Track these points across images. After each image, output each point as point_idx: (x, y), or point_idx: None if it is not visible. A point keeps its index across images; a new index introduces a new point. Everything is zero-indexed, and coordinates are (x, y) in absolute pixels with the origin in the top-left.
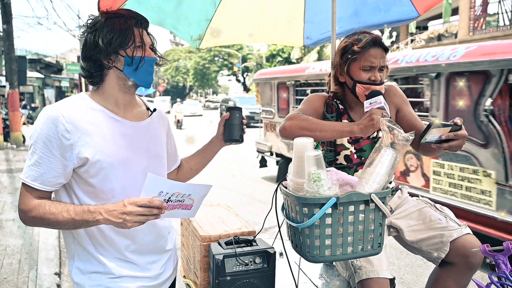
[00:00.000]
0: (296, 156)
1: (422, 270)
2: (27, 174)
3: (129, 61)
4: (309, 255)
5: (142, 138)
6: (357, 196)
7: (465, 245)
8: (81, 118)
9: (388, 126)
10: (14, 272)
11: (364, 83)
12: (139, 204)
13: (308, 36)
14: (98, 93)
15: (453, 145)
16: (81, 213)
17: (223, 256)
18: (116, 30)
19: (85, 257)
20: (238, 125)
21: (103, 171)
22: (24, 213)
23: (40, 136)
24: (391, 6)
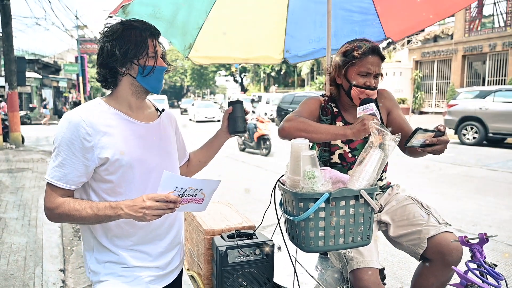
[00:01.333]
0: (293, 155)
1: (414, 266)
2: (52, 175)
3: (142, 70)
4: (305, 245)
5: (154, 137)
6: (348, 192)
7: (441, 243)
8: (99, 122)
9: (377, 129)
10: (20, 268)
11: (359, 87)
12: (157, 199)
13: (287, 49)
14: (112, 97)
15: (436, 149)
16: (103, 209)
17: (226, 247)
18: (132, 41)
19: (101, 248)
20: (241, 117)
21: (121, 169)
22: (50, 211)
23: (64, 140)
24: (364, 28)
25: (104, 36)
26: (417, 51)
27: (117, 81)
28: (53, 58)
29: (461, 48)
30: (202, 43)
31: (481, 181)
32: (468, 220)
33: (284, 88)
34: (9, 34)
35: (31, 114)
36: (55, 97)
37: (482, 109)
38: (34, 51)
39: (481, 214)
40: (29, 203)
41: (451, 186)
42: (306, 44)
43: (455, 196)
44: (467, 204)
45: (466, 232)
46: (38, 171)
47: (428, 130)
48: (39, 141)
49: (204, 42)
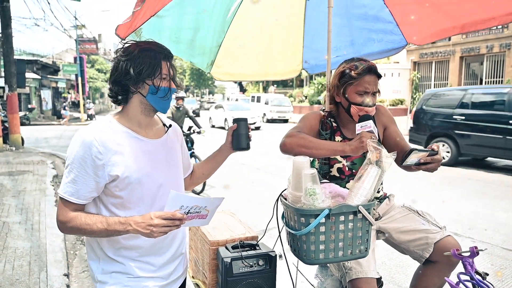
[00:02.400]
0: (295, 173)
1: (411, 270)
2: (64, 190)
3: (153, 90)
4: (306, 258)
5: (161, 152)
6: (346, 208)
7: (447, 246)
8: (110, 141)
9: (374, 147)
10: (25, 273)
11: (358, 105)
12: (164, 217)
13: (306, 60)
14: (122, 115)
15: (429, 167)
16: (113, 224)
17: (231, 259)
18: (146, 63)
19: (107, 259)
20: (245, 134)
21: (131, 185)
22: (62, 224)
23: (76, 158)
24: (384, 36)
25: (120, 55)
26: (415, 52)
27: (128, 99)
28: (51, 58)
29: (459, 49)
30: (223, 59)
31: (478, 183)
32: (464, 223)
33: (283, 88)
34: (8, 36)
35: (30, 115)
36: (54, 98)
37: None
38: (33, 52)
39: (477, 217)
40: (31, 207)
41: (448, 188)
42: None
43: (451, 198)
44: (463, 207)
45: (462, 235)
46: (39, 174)
47: (422, 150)
48: (38, 142)
49: (225, 58)
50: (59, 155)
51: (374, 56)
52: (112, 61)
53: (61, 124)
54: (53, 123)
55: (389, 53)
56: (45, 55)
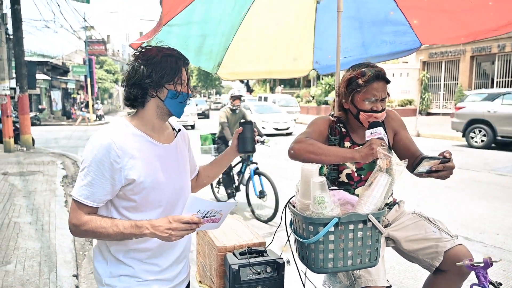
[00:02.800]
0: (303, 180)
1: (421, 274)
2: (80, 193)
3: (173, 95)
4: (314, 267)
5: (172, 157)
6: (356, 217)
7: (457, 255)
8: (128, 144)
9: (384, 154)
10: (36, 274)
11: (366, 111)
12: (183, 221)
13: (317, 60)
14: (137, 118)
15: (441, 175)
16: (129, 227)
17: (238, 266)
18: (168, 68)
19: (116, 261)
20: (250, 138)
21: (145, 190)
22: (76, 227)
23: (94, 160)
24: (396, 38)
25: (140, 59)
26: (425, 51)
27: (145, 102)
28: (61, 59)
29: (470, 48)
30: (229, 61)
31: (489, 186)
32: (475, 226)
33: (290, 88)
34: (20, 38)
35: (41, 115)
36: (63, 98)
37: (490, 112)
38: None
39: (488, 221)
40: (42, 208)
41: (457, 192)
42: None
43: (462, 201)
44: (474, 210)
45: (473, 240)
46: (49, 174)
47: (434, 158)
48: (48, 142)
49: (231, 60)
50: (68, 155)
51: (385, 57)
52: (130, 64)
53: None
54: (63, 123)
55: (401, 54)
56: (54, 57)
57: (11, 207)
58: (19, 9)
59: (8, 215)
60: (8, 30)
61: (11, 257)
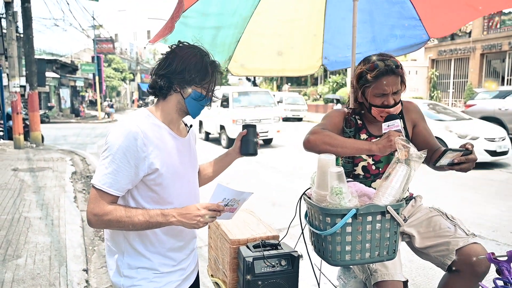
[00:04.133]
0: (320, 171)
1: (433, 272)
2: (103, 181)
3: (196, 96)
4: (331, 259)
5: (187, 151)
6: (374, 208)
7: (470, 254)
8: (152, 134)
9: (403, 145)
10: (46, 268)
11: (378, 106)
12: (211, 208)
13: (326, 56)
14: (158, 109)
15: (463, 167)
16: (155, 216)
17: (252, 258)
18: (202, 70)
19: (134, 253)
20: (253, 140)
21: (166, 181)
22: (98, 217)
23: (121, 148)
24: (405, 32)
25: (177, 54)
26: (434, 49)
27: (167, 95)
28: (70, 58)
29: (479, 46)
30: (240, 54)
31: (501, 185)
32: (488, 225)
33: (297, 86)
34: (30, 36)
35: (50, 113)
36: (72, 96)
37: (501, 109)
38: (52, 51)
39: (501, 220)
40: (51, 203)
41: (470, 190)
42: (345, 50)
43: (474, 200)
44: (486, 209)
45: (486, 238)
46: (58, 170)
47: (456, 150)
48: (57, 139)
49: (242, 53)
50: (77, 152)
51: (394, 52)
52: (165, 55)
53: (111, 121)
54: (72, 121)
55: (411, 49)
56: (64, 55)
57: (21, 202)
58: (29, 7)
59: (19, 210)
60: (19, 28)
61: (22, 251)
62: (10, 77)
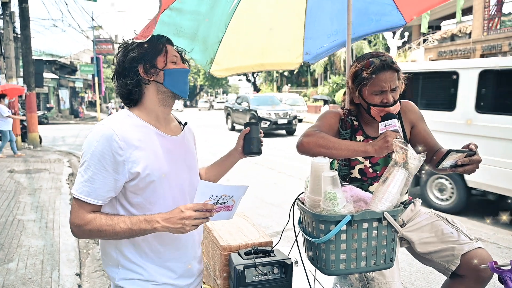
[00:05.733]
0: (313, 175)
1: (433, 276)
2: (80, 190)
3: (169, 73)
4: (325, 268)
5: (180, 151)
6: (370, 214)
7: (475, 259)
8: (131, 135)
9: (400, 147)
10: (38, 272)
11: (377, 106)
12: (195, 209)
13: (307, 52)
14: (139, 109)
15: (467, 169)
16: (138, 223)
17: (243, 266)
18: (149, 47)
19: (129, 264)
20: (256, 138)
21: (152, 184)
22: (78, 227)
23: (95, 153)
24: (381, 16)
25: (122, 50)
26: (434, 50)
27: (142, 91)
28: (69, 58)
29: (480, 47)
30: (222, 56)
31: None
32: (489, 228)
33: (297, 87)
34: (27, 37)
35: (49, 114)
36: (71, 97)
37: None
38: (51, 52)
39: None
40: (46, 205)
41: None
42: (325, 39)
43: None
44: (487, 210)
45: (487, 241)
46: (55, 172)
47: (460, 151)
48: (56, 141)
49: (224, 55)
50: (75, 153)
51: (371, 34)
52: (114, 62)
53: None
54: (71, 122)
55: (386, 31)
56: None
57: (15, 204)
58: (26, 7)
59: (13, 212)
60: (16, 28)
61: (14, 255)
62: (8, 78)
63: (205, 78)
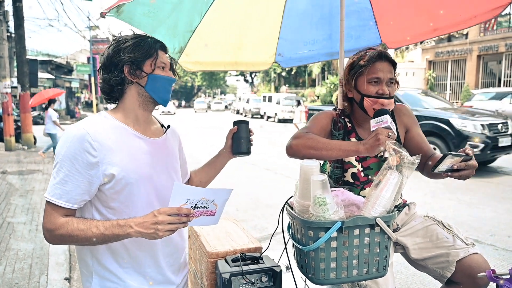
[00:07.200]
0: (302, 178)
1: (430, 279)
2: (52, 193)
3: (152, 79)
4: (314, 277)
5: (161, 154)
6: (362, 220)
7: (471, 266)
8: (105, 136)
9: (394, 149)
10: (25, 277)
11: (372, 97)
12: (169, 213)
13: (280, 52)
14: (118, 110)
15: (463, 174)
16: (111, 228)
17: (229, 274)
18: (142, 47)
19: (104, 273)
20: (245, 138)
21: (128, 187)
22: (50, 232)
23: (66, 154)
24: (361, 34)
25: (112, 45)
26: (431, 50)
27: (124, 90)
28: (65, 58)
29: (476, 47)
30: (194, 48)
31: (498, 187)
32: (486, 229)
33: (295, 88)
34: (21, 36)
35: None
36: (67, 98)
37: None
38: (48, 52)
39: (499, 223)
40: (38, 207)
41: (467, 192)
42: (301, 46)
43: (471, 203)
44: (483, 212)
45: (483, 242)
46: (48, 173)
47: (456, 155)
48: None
49: (196, 47)
50: None
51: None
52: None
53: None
54: (67, 122)
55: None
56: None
57: (6, 206)
58: (21, 6)
59: (2, 215)
60: (10, 28)
61: (1, 259)
62: (1, 78)
63: (203, 79)
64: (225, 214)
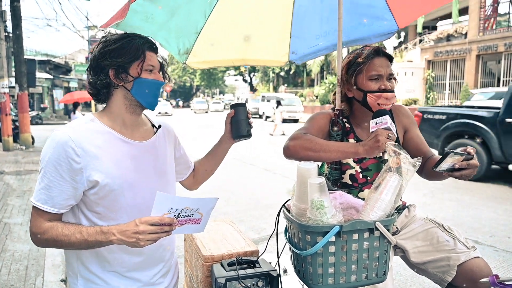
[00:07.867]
0: (299, 181)
1: (429, 281)
2: (37, 198)
3: (139, 83)
4: (312, 283)
5: (149, 157)
6: (361, 225)
7: (473, 270)
8: (90, 142)
9: (394, 151)
10: (21, 278)
11: (375, 92)
12: (151, 223)
13: (293, 51)
14: (105, 113)
15: (464, 174)
16: (94, 234)
17: (225, 279)
18: (129, 48)
19: (89, 276)
20: (244, 120)
21: (113, 193)
22: (36, 236)
23: (50, 160)
24: (374, 21)
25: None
26: (430, 50)
27: (110, 93)
28: (64, 58)
29: (475, 47)
30: (201, 48)
31: (497, 187)
32: (485, 230)
33: (294, 88)
34: (19, 36)
35: (43, 114)
36: None
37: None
38: (46, 52)
39: (498, 224)
40: None
41: (466, 193)
42: (313, 40)
43: (471, 203)
44: (483, 212)
45: (483, 243)
46: None
47: (458, 153)
48: None
49: (203, 47)
50: None
51: (363, 41)
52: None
53: None
54: (65, 122)
55: (379, 38)
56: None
57: (3, 207)
58: (18, 6)
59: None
60: (8, 27)
61: None
62: None
63: (202, 79)
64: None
